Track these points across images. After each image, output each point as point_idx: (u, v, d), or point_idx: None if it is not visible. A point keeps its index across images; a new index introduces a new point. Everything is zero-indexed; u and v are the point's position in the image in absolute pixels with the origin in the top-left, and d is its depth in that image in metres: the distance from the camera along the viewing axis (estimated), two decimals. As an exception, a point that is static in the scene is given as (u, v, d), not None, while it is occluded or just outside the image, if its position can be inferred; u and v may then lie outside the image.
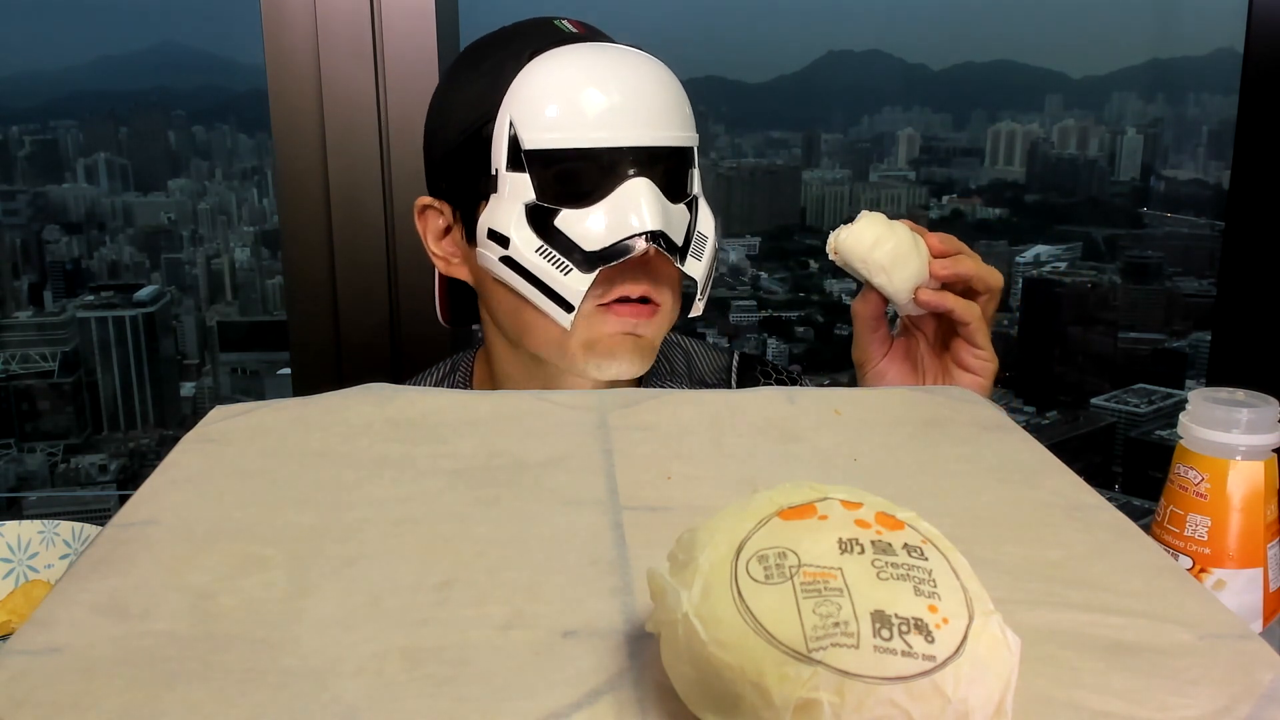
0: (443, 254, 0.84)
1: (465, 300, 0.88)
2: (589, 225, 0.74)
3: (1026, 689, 0.32)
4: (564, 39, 0.77)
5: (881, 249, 0.71)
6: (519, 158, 0.75)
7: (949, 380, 0.76)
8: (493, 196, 0.76)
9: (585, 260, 0.74)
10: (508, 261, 0.76)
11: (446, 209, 0.82)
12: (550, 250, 0.74)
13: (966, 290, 0.74)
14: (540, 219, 0.75)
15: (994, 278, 0.74)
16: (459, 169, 0.79)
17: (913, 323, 0.78)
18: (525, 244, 0.75)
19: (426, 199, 0.84)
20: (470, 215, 0.79)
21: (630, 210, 0.74)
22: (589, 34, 0.79)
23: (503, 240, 0.76)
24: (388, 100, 1.24)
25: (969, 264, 0.73)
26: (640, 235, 0.73)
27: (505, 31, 0.81)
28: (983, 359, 0.75)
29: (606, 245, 0.74)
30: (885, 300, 0.75)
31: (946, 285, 0.74)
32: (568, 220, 0.74)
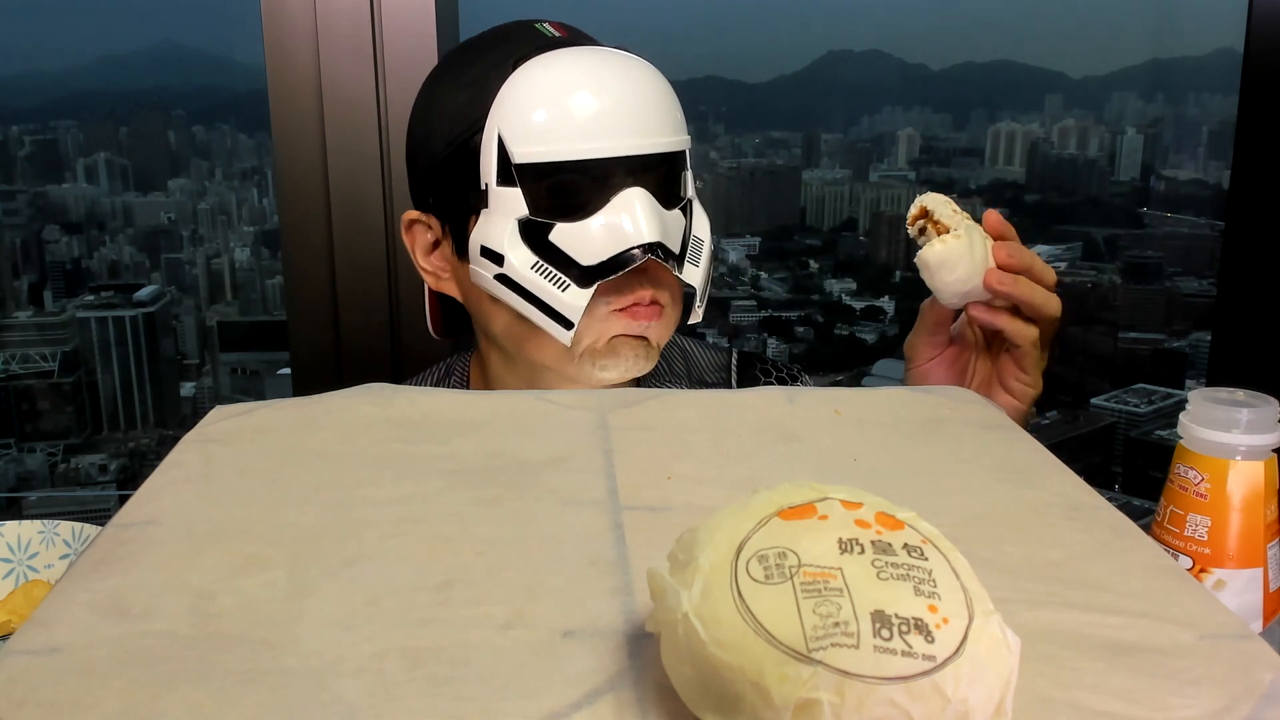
0: (432, 269, 0.83)
1: (458, 310, 0.87)
2: (585, 239, 0.73)
3: (1026, 689, 0.32)
4: (548, 44, 0.75)
5: (927, 244, 0.69)
6: (509, 172, 0.73)
7: (988, 395, 0.74)
8: (483, 212, 0.75)
9: (583, 275, 0.73)
10: (503, 279, 0.75)
11: (435, 223, 0.81)
12: (546, 266, 0.73)
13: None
14: (534, 234, 0.73)
15: (1049, 306, 0.71)
16: (446, 182, 0.78)
17: (971, 329, 0.77)
18: (521, 261, 0.73)
19: (413, 214, 0.82)
20: (460, 230, 0.78)
21: (626, 221, 0.72)
22: (572, 37, 0.78)
23: (497, 258, 0.74)
24: (388, 100, 1.24)
25: (1025, 288, 0.70)
26: (638, 247, 0.72)
27: (487, 36, 0.79)
28: (1025, 384, 0.74)
29: (604, 259, 0.73)
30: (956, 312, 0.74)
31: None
32: (563, 234, 0.73)
